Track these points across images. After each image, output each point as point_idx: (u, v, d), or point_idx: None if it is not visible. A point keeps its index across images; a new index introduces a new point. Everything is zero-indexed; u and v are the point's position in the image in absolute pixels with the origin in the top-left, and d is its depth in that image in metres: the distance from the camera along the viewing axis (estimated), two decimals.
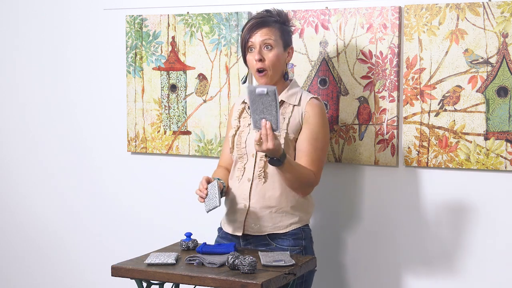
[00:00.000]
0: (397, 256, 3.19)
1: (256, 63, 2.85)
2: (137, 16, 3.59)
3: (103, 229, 3.82)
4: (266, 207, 2.84)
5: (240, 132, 2.92)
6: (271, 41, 2.84)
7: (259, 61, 2.84)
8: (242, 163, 2.89)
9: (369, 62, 3.14)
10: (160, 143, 3.59)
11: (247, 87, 2.63)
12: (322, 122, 2.86)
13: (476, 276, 3.06)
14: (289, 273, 2.57)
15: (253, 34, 2.85)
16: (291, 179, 2.77)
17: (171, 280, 2.59)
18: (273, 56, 2.85)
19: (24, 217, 4.04)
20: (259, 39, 2.84)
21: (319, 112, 2.85)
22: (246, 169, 2.88)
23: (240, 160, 2.90)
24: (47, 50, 3.88)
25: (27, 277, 4.05)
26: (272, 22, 2.87)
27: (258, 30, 2.85)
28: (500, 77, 2.94)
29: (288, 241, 2.85)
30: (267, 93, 2.60)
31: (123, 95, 3.68)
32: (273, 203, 2.84)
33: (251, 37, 2.85)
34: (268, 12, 2.91)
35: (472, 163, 3.00)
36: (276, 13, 2.90)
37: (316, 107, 2.85)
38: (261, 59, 2.84)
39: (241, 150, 2.89)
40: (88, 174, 3.85)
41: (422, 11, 3.04)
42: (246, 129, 2.91)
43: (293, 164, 2.74)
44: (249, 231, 2.87)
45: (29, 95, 3.95)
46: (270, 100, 2.60)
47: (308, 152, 2.82)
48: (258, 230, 2.86)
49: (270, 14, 2.90)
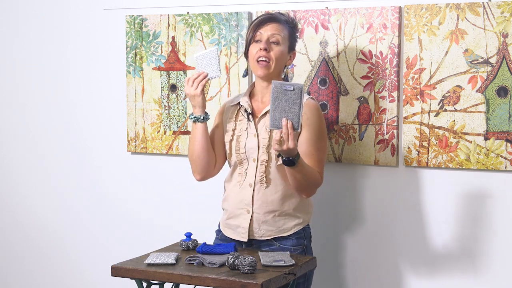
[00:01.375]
0: (397, 256, 3.19)
1: (259, 51, 2.81)
2: (137, 16, 3.59)
3: (103, 229, 3.82)
4: (269, 212, 2.84)
5: (238, 136, 2.89)
6: (279, 37, 2.83)
7: (264, 50, 2.80)
8: (243, 168, 2.87)
9: (369, 62, 3.14)
10: (160, 143, 3.59)
11: (273, 81, 2.57)
12: (321, 123, 2.85)
13: (476, 276, 3.06)
14: (289, 273, 2.57)
15: (262, 26, 2.83)
16: (300, 180, 2.73)
17: (171, 280, 2.59)
18: (278, 50, 2.83)
19: (24, 217, 4.04)
20: (268, 32, 2.82)
21: (317, 113, 2.84)
22: (247, 174, 2.86)
23: (240, 165, 2.88)
24: (47, 50, 3.88)
25: (27, 277, 4.05)
26: (283, 21, 2.86)
27: (269, 24, 2.84)
28: (500, 77, 2.94)
29: (292, 241, 2.86)
30: (294, 90, 2.55)
31: (123, 95, 3.68)
32: (276, 207, 2.84)
33: (260, 29, 2.83)
34: (280, 13, 2.91)
35: (472, 163, 3.00)
36: (288, 16, 2.91)
37: (313, 108, 2.84)
38: (267, 49, 2.80)
39: (240, 155, 2.87)
40: (88, 174, 3.85)
41: (422, 11, 3.04)
42: (244, 133, 2.88)
43: (304, 165, 2.71)
44: (254, 236, 2.86)
45: (29, 95, 3.95)
46: (295, 98, 2.55)
47: (311, 154, 2.81)
48: (263, 234, 2.85)
49: (283, 15, 2.90)
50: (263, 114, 2.85)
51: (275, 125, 2.58)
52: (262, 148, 2.83)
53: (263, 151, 2.83)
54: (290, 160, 2.64)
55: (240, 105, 2.92)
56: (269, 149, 2.82)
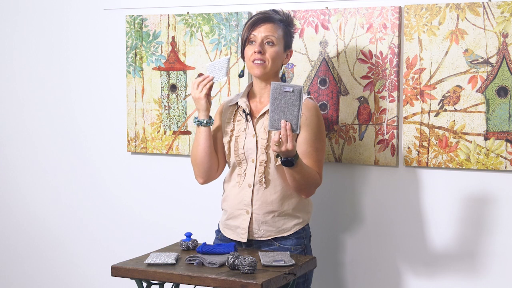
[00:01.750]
0: (397, 256, 3.19)
1: (254, 54, 2.81)
2: (137, 16, 3.59)
3: (103, 229, 3.82)
4: (269, 212, 2.84)
5: (236, 137, 2.88)
6: (274, 38, 2.83)
7: (258, 53, 2.80)
8: (242, 169, 2.87)
9: (369, 62, 3.14)
10: (160, 143, 3.59)
11: (272, 83, 2.57)
12: (319, 123, 2.84)
13: (476, 276, 3.06)
14: (289, 273, 2.57)
15: (256, 27, 2.83)
16: (299, 180, 2.74)
17: (171, 280, 2.59)
18: (273, 51, 2.83)
19: (24, 217, 4.04)
20: (262, 34, 2.82)
21: (315, 112, 2.83)
22: (246, 175, 2.86)
23: (239, 165, 2.88)
24: (47, 50, 3.88)
25: (27, 277, 4.05)
26: (277, 21, 2.85)
27: (263, 24, 2.83)
28: (500, 77, 2.94)
29: (292, 241, 2.86)
30: (293, 91, 2.55)
31: (123, 95, 3.68)
32: (275, 207, 2.84)
33: (254, 30, 2.83)
34: (274, 11, 2.90)
35: (472, 163, 3.00)
36: (282, 13, 2.89)
37: (312, 108, 2.83)
38: (261, 51, 2.81)
39: (239, 156, 2.87)
40: (88, 174, 3.85)
41: (422, 11, 3.04)
42: (242, 134, 2.87)
43: (303, 165, 2.71)
44: (253, 236, 2.86)
45: (29, 95, 3.95)
46: (294, 99, 2.55)
47: (310, 154, 2.80)
48: (263, 235, 2.86)
49: (277, 13, 2.88)
50: (262, 115, 2.85)
51: (274, 127, 2.59)
52: (261, 149, 2.83)
53: (262, 151, 2.83)
54: (288, 161, 2.64)
55: (238, 106, 2.92)
56: (268, 149, 2.82)
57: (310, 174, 2.76)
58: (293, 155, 2.63)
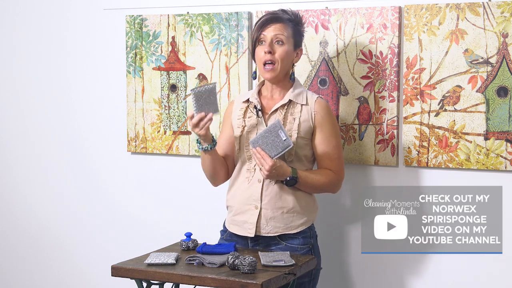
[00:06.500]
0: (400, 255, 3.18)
1: (264, 55, 2.84)
2: (137, 16, 3.59)
3: (103, 229, 3.82)
4: (278, 208, 2.85)
5: (247, 132, 2.90)
6: (283, 37, 2.85)
7: (268, 53, 2.83)
8: (252, 164, 2.88)
9: (369, 62, 3.14)
10: (160, 143, 3.59)
11: (277, 120, 2.73)
12: (333, 121, 2.90)
13: (476, 276, 3.06)
14: (289, 273, 2.57)
15: (266, 28, 2.85)
16: (312, 190, 2.88)
17: (171, 280, 2.60)
18: (283, 51, 2.84)
19: (24, 217, 4.04)
20: (271, 33, 2.84)
21: (329, 111, 2.89)
22: (256, 170, 2.87)
23: (249, 161, 2.89)
24: (47, 50, 3.88)
25: (27, 277, 4.05)
26: (286, 20, 2.87)
27: (272, 24, 2.85)
28: (500, 77, 2.94)
29: (298, 240, 2.86)
30: (284, 140, 2.71)
31: (123, 95, 3.68)
32: (284, 203, 2.85)
33: (264, 30, 2.85)
34: (283, 10, 2.91)
35: (472, 163, 3.00)
36: (291, 13, 2.90)
37: (325, 107, 2.88)
38: (271, 51, 2.83)
39: (249, 151, 2.87)
40: (88, 174, 3.85)
41: (422, 11, 3.04)
42: (254, 129, 2.89)
43: (308, 176, 2.80)
44: (261, 232, 2.87)
45: (29, 96, 3.95)
46: (280, 146, 2.72)
47: (328, 155, 2.86)
48: (270, 231, 2.86)
49: (286, 12, 2.90)
50: (274, 111, 2.87)
51: (253, 145, 2.76)
52: None
53: None
54: (288, 181, 2.77)
55: (249, 102, 2.94)
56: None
57: (320, 181, 2.83)
58: (288, 175, 2.76)
